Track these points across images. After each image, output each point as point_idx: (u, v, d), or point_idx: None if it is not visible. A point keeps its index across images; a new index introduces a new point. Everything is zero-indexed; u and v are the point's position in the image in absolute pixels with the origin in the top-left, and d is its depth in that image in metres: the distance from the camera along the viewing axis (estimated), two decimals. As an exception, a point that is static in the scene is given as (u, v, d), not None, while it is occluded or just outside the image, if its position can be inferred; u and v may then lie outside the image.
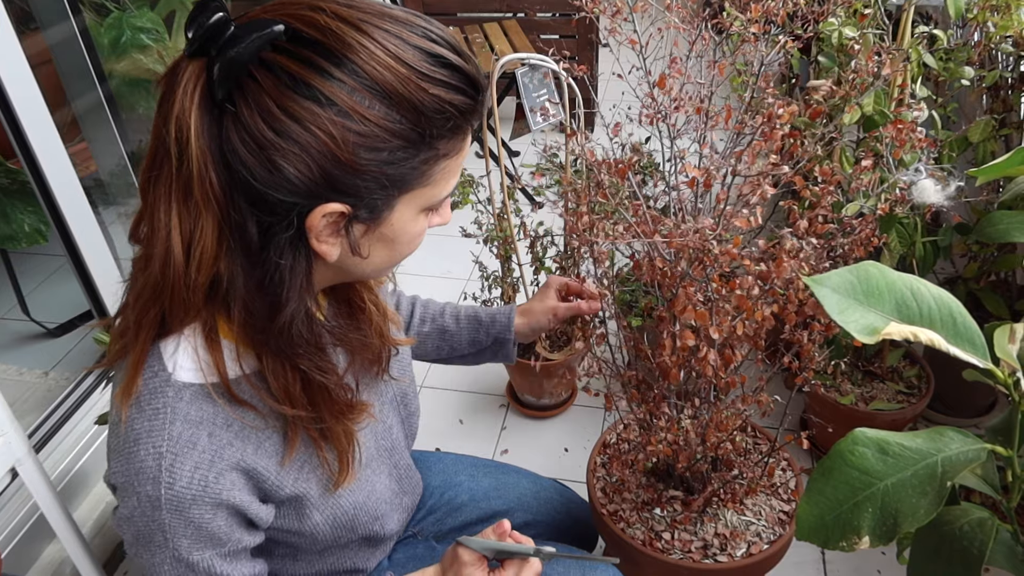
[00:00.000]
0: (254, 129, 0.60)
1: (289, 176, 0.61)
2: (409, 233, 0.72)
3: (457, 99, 0.65)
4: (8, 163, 1.90)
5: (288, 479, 0.79)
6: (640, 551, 1.22)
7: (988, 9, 1.55)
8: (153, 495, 0.69)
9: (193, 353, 0.71)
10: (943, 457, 0.76)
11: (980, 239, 1.49)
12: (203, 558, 0.73)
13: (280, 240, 0.65)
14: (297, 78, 0.60)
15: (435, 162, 0.68)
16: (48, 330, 2.15)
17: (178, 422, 0.70)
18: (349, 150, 0.61)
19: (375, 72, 0.61)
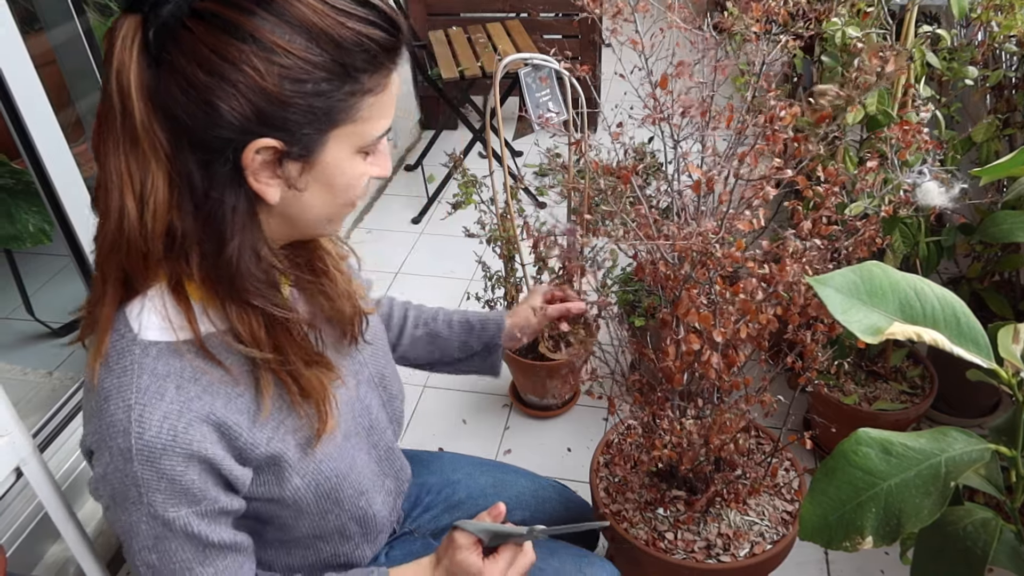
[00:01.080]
0: (189, 74, 0.65)
1: (223, 113, 0.65)
2: (346, 175, 0.74)
3: (376, 34, 0.69)
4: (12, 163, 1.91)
5: (262, 437, 0.79)
6: (643, 551, 1.22)
7: (992, 9, 1.55)
8: (124, 447, 0.71)
9: (160, 311, 0.74)
10: (947, 457, 0.76)
11: (984, 239, 1.49)
12: (179, 515, 0.74)
13: (220, 179, 0.69)
14: (223, 20, 0.64)
15: (360, 96, 0.71)
16: (52, 330, 2.15)
17: (145, 375, 0.72)
18: (275, 83, 0.65)
19: (295, 9, 0.65)
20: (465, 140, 3.01)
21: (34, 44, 1.51)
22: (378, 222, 2.96)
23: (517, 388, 2.07)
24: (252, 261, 0.73)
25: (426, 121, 3.59)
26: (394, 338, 1.22)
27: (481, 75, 2.78)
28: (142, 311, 0.74)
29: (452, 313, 1.25)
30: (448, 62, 2.86)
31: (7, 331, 2.20)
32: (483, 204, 1.86)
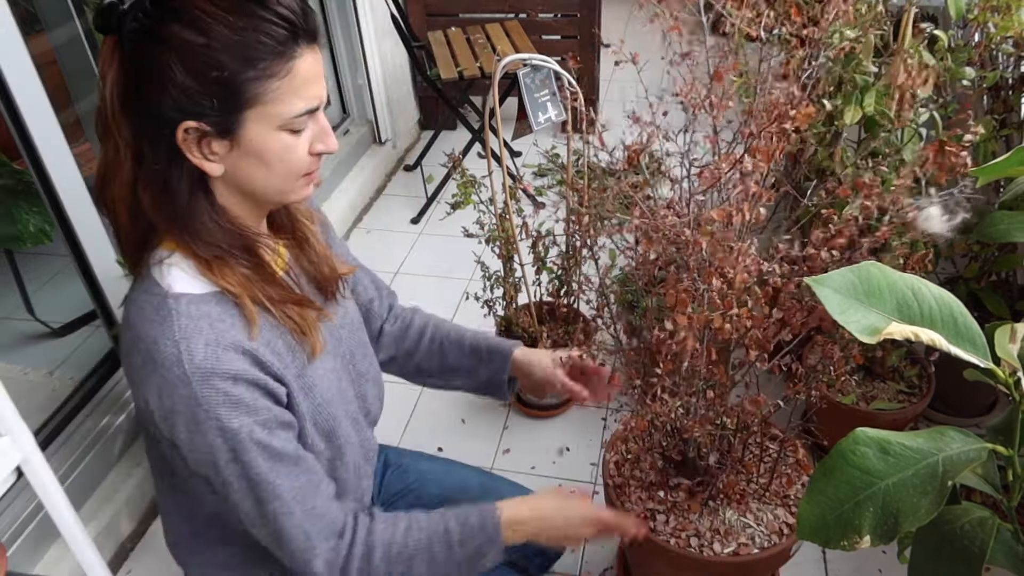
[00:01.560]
0: (131, 72, 0.82)
1: (153, 103, 0.81)
2: (274, 148, 0.87)
3: (268, 28, 0.81)
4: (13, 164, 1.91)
5: (276, 359, 0.92)
6: None
7: (989, 10, 1.55)
8: (180, 374, 0.84)
9: (179, 269, 0.89)
10: (944, 456, 0.77)
11: (981, 239, 1.49)
12: (243, 424, 0.86)
13: (165, 157, 0.84)
14: (148, 29, 0.80)
15: (262, 82, 0.82)
16: (53, 330, 2.15)
17: (183, 318, 0.86)
18: (183, 76, 0.80)
19: (199, 17, 0.80)
20: (464, 140, 3.01)
21: (35, 45, 1.51)
22: (377, 222, 2.96)
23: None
24: (212, 224, 0.88)
25: (425, 121, 3.59)
26: (411, 347, 1.30)
27: (480, 75, 2.79)
28: (165, 270, 0.89)
29: (466, 335, 1.31)
30: (447, 62, 2.87)
31: (7, 331, 2.20)
32: (482, 204, 1.87)
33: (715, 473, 1.28)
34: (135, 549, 1.75)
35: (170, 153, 0.84)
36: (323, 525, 0.95)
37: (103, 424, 1.73)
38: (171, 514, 1.08)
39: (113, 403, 1.78)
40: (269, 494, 0.91)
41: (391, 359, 1.32)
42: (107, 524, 1.68)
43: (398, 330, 1.31)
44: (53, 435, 1.64)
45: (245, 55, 0.81)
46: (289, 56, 0.84)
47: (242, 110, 0.83)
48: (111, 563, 1.70)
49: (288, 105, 0.85)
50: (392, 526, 1.01)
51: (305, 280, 1.03)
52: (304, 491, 0.94)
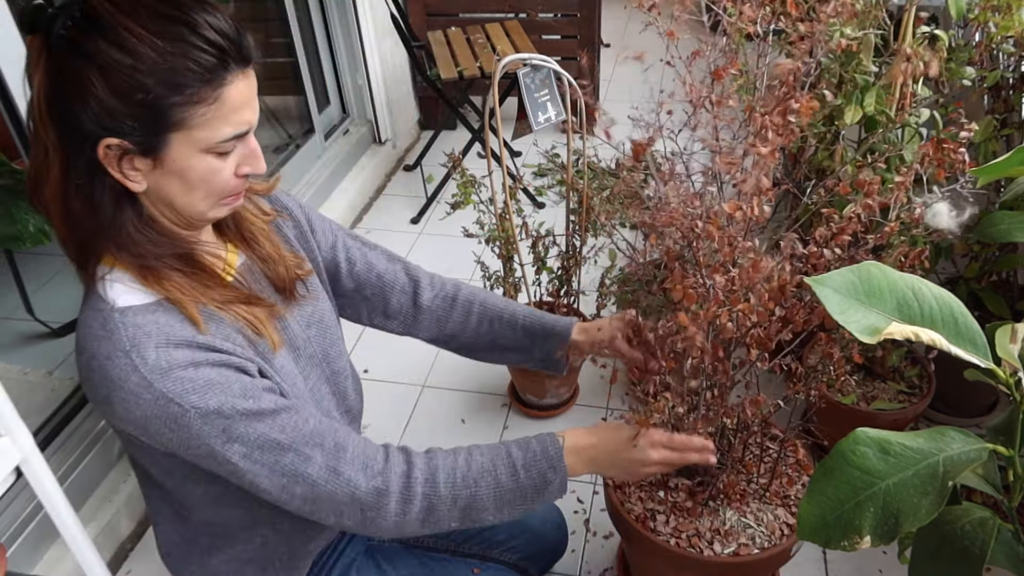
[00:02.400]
0: (57, 83, 0.80)
1: (76, 116, 0.79)
2: (196, 170, 0.86)
3: (196, 55, 0.80)
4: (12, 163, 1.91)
5: (237, 349, 0.91)
6: (631, 525, 1.26)
7: (989, 9, 1.55)
8: (138, 381, 0.83)
9: (121, 282, 0.88)
10: (944, 457, 0.77)
11: (981, 239, 1.49)
12: (222, 401, 0.85)
13: (89, 169, 0.83)
14: (75, 42, 0.78)
15: (188, 107, 0.81)
16: (52, 330, 2.15)
17: (129, 328, 0.85)
18: (107, 95, 0.78)
19: (127, 38, 0.78)
20: (464, 140, 3.01)
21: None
22: (377, 222, 2.96)
23: (516, 388, 2.07)
24: (139, 235, 0.87)
25: (425, 121, 3.59)
26: (457, 328, 1.30)
27: (480, 75, 2.79)
28: (108, 286, 0.88)
29: (518, 315, 1.29)
30: (447, 62, 2.87)
31: (7, 331, 2.20)
32: (482, 204, 1.86)
33: (715, 473, 1.28)
34: (134, 549, 1.75)
35: (91, 167, 0.83)
36: (351, 456, 0.93)
37: (102, 424, 1.73)
38: (162, 524, 1.07)
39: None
40: (278, 452, 0.89)
41: (434, 338, 1.31)
42: (106, 524, 1.68)
43: (440, 308, 1.28)
44: (52, 435, 1.64)
45: (172, 80, 0.80)
46: (218, 83, 0.82)
47: (166, 132, 0.82)
48: (110, 563, 1.70)
49: (215, 131, 0.84)
50: (452, 454, 0.99)
51: (262, 281, 1.02)
52: (316, 433, 0.92)
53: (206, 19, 0.82)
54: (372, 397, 1.49)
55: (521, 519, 1.34)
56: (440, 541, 1.30)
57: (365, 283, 1.23)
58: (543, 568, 1.40)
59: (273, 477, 0.89)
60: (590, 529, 1.72)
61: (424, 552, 1.27)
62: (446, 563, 1.23)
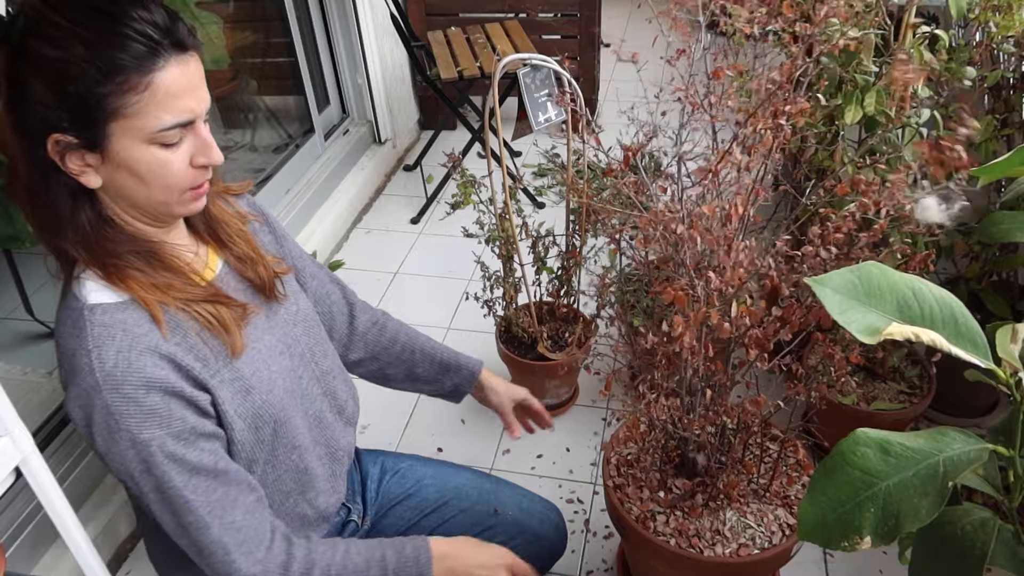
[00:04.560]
0: (11, 89, 0.82)
1: (24, 118, 0.82)
2: (143, 162, 0.86)
3: (127, 44, 0.81)
4: (11, 163, 1.91)
5: (203, 369, 0.92)
6: (631, 526, 1.26)
7: (990, 9, 1.55)
8: (92, 383, 0.84)
9: (93, 281, 0.89)
10: (945, 457, 0.76)
11: (982, 239, 1.49)
12: (153, 437, 0.86)
13: (43, 166, 0.84)
14: (17, 47, 0.81)
15: (123, 95, 0.82)
16: (52, 330, 2.15)
17: (96, 327, 0.86)
18: (44, 89, 0.80)
19: (58, 35, 0.80)
20: (464, 140, 3.01)
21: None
22: (377, 222, 2.96)
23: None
24: (96, 234, 0.88)
25: (425, 121, 3.59)
26: (382, 352, 1.33)
27: (480, 75, 2.78)
28: (81, 284, 0.89)
29: (437, 350, 1.35)
30: (447, 62, 2.87)
31: (6, 331, 2.20)
32: (482, 204, 1.86)
33: (715, 473, 1.28)
34: (134, 550, 1.75)
35: (43, 164, 0.84)
36: (242, 539, 0.94)
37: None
38: (148, 532, 1.09)
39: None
40: (183, 508, 0.90)
41: (359, 361, 1.32)
42: (106, 525, 1.68)
43: (371, 333, 1.31)
44: (52, 435, 1.64)
45: (100, 69, 0.80)
46: (147, 70, 0.82)
47: (104, 124, 0.83)
48: (110, 564, 1.70)
49: (153, 119, 0.84)
50: (332, 548, 1.02)
51: (241, 282, 1.03)
52: (222, 505, 0.92)
53: (135, 9, 0.83)
54: (372, 397, 1.49)
55: (519, 520, 1.34)
56: None
57: (318, 303, 1.24)
58: (542, 568, 1.40)
59: (171, 523, 0.92)
60: (590, 529, 1.72)
61: None
62: None
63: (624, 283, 1.91)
